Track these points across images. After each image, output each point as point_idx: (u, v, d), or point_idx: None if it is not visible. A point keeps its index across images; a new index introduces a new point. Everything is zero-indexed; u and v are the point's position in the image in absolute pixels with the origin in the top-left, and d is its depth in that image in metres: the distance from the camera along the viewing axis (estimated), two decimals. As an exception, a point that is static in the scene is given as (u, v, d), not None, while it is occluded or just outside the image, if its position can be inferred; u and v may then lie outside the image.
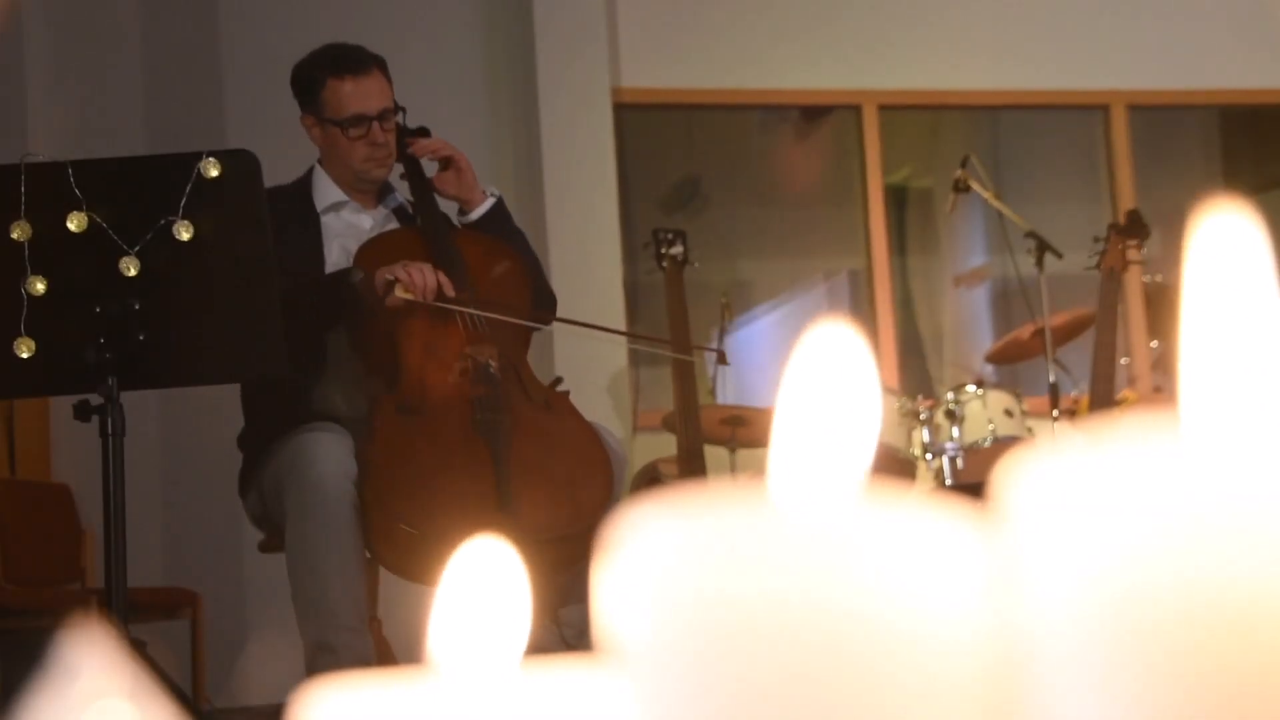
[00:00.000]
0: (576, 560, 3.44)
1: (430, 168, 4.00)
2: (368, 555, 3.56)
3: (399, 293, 3.61)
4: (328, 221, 3.89)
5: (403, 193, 4.02)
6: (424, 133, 4.00)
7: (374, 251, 3.79)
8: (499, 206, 4.01)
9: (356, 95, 3.84)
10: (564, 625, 3.58)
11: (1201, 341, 0.38)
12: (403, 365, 3.68)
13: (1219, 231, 0.38)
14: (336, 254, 3.84)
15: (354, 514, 3.46)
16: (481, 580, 0.45)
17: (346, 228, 3.90)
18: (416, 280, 3.61)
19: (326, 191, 3.92)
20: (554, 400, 3.75)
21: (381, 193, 3.99)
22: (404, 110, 3.93)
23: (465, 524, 3.42)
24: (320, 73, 3.88)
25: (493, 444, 3.56)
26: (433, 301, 3.63)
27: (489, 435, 3.57)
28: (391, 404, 3.62)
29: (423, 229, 3.87)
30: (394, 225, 3.96)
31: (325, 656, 3.43)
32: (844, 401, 0.40)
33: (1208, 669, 0.35)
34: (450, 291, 3.65)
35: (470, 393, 3.64)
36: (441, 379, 3.67)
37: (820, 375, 0.40)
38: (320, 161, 3.96)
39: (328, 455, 3.48)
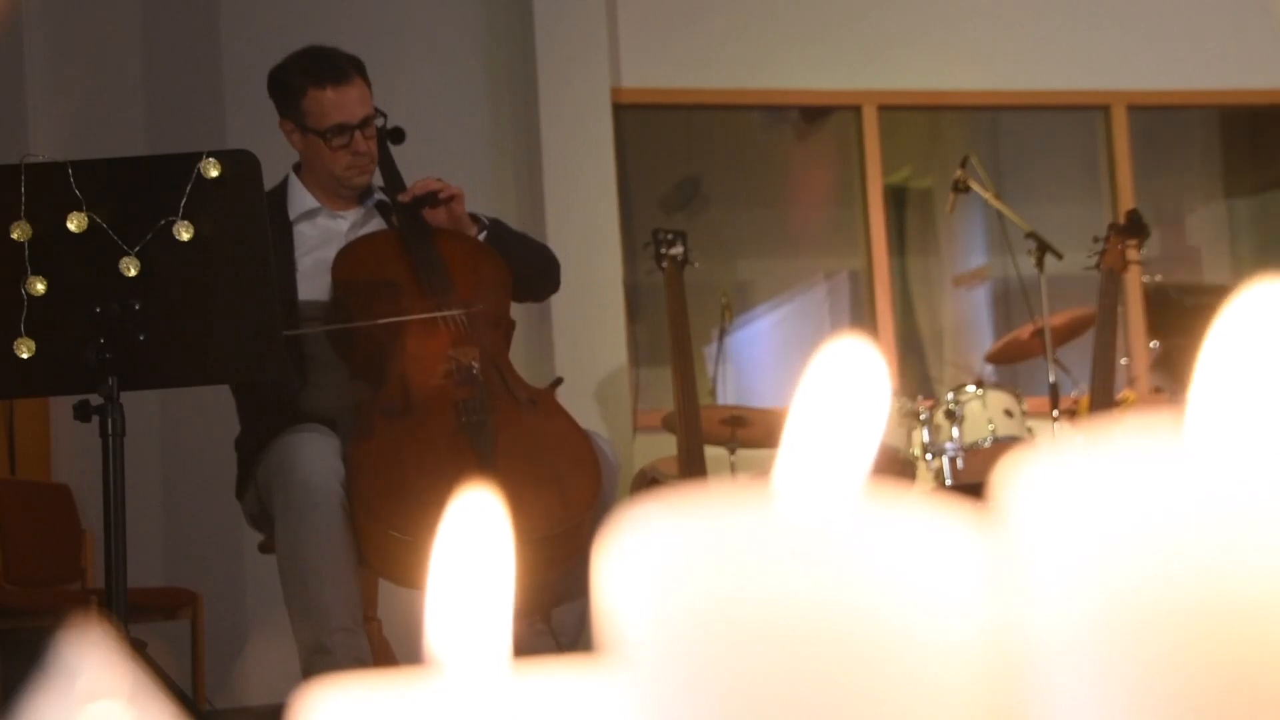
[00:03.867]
0: (567, 558, 3.43)
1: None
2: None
3: None
4: (301, 230, 3.87)
5: (380, 186, 4.00)
6: (399, 134, 3.95)
7: (352, 256, 3.77)
8: (492, 232, 3.96)
9: (339, 105, 3.80)
10: (556, 625, 3.57)
11: (1216, 346, 0.38)
12: (387, 369, 3.67)
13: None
14: (311, 265, 3.81)
15: (342, 514, 3.45)
16: (470, 561, 0.45)
17: (322, 234, 3.87)
18: None
19: (300, 199, 3.89)
20: (540, 398, 3.74)
21: (361, 193, 3.97)
22: (385, 115, 3.91)
23: None
24: (301, 81, 3.82)
25: (478, 445, 3.55)
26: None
27: (475, 437, 3.56)
28: (376, 408, 3.61)
29: (401, 229, 3.84)
30: (375, 221, 3.93)
31: (320, 658, 3.42)
32: (853, 409, 0.40)
33: (1208, 669, 0.35)
34: None
35: (455, 395, 3.63)
36: (425, 382, 3.66)
37: (834, 385, 0.40)
38: (295, 168, 3.94)
39: (313, 457, 3.47)
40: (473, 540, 0.45)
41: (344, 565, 3.45)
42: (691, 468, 4.86)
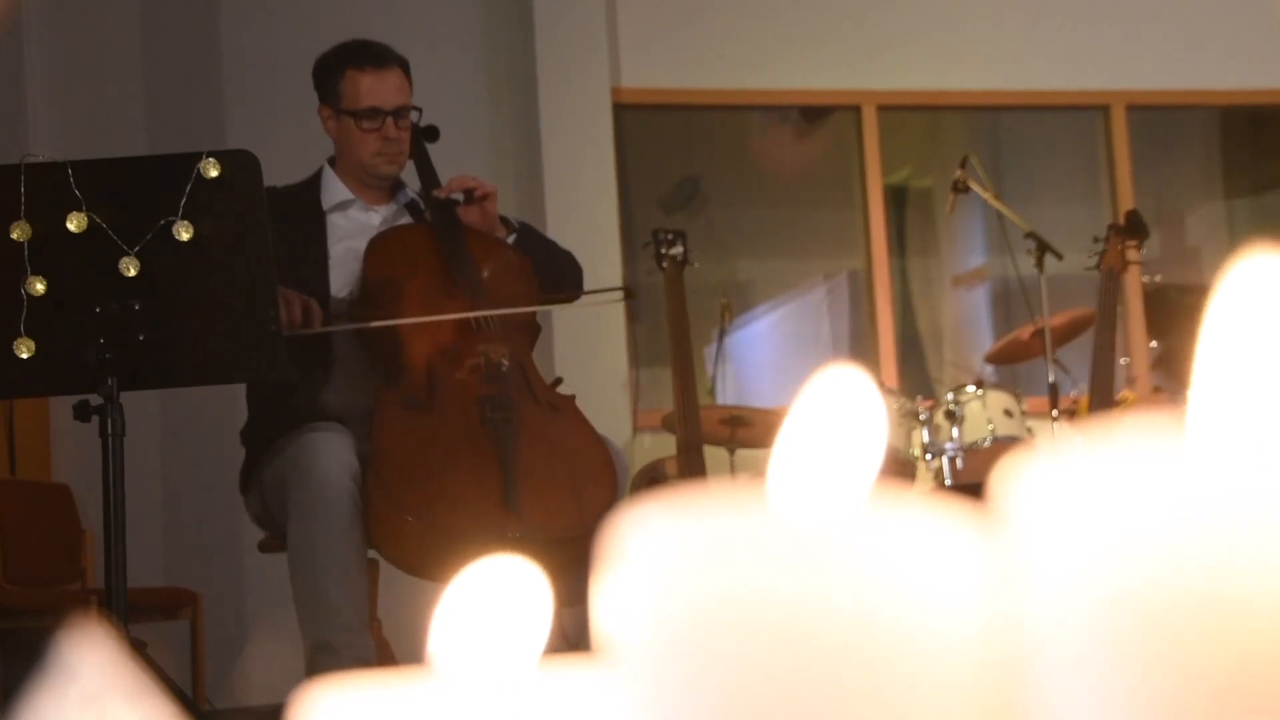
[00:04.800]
0: (579, 563, 3.44)
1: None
2: (370, 553, 3.56)
3: None
4: (334, 220, 3.89)
5: (414, 189, 4.02)
6: (433, 132, 3.99)
7: (383, 247, 3.80)
8: (521, 235, 4.01)
9: (374, 88, 3.85)
10: (567, 626, 3.58)
11: (1217, 346, 0.38)
12: (412, 360, 3.69)
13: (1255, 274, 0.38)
14: (341, 254, 3.84)
15: (356, 514, 3.46)
16: (490, 584, 0.45)
17: (355, 226, 3.90)
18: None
19: (334, 190, 3.92)
20: (559, 403, 3.77)
21: (393, 189, 4.00)
22: (420, 110, 3.94)
23: (470, 519, 3.43)
24: (339, 62, 3.89)
25: (500, 442, 3.57)
26: (295, 331, 3.60)
27: (497, 433, 3.58)
28: (396, 397, 3.63)
29: (435, 225, 3.87)
30: (405, 220, 3.96)
31: (325, 657, 3.43)
32: (849, 439, 0.40)
33: (1208, 669, 0.35)
34: (317, 323, 3.62)
35: (480, 390, 3.65)
36: (450, 375, 3.68)
37: (828, 415, 0.40)
38: (330, 161, 3.97)
39: (331, 455, 3.48)
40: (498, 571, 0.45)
41: (354, 565, 3.47)
42: (691, 468, 4.86)
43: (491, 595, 0.45)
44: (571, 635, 3.56)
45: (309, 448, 3.50)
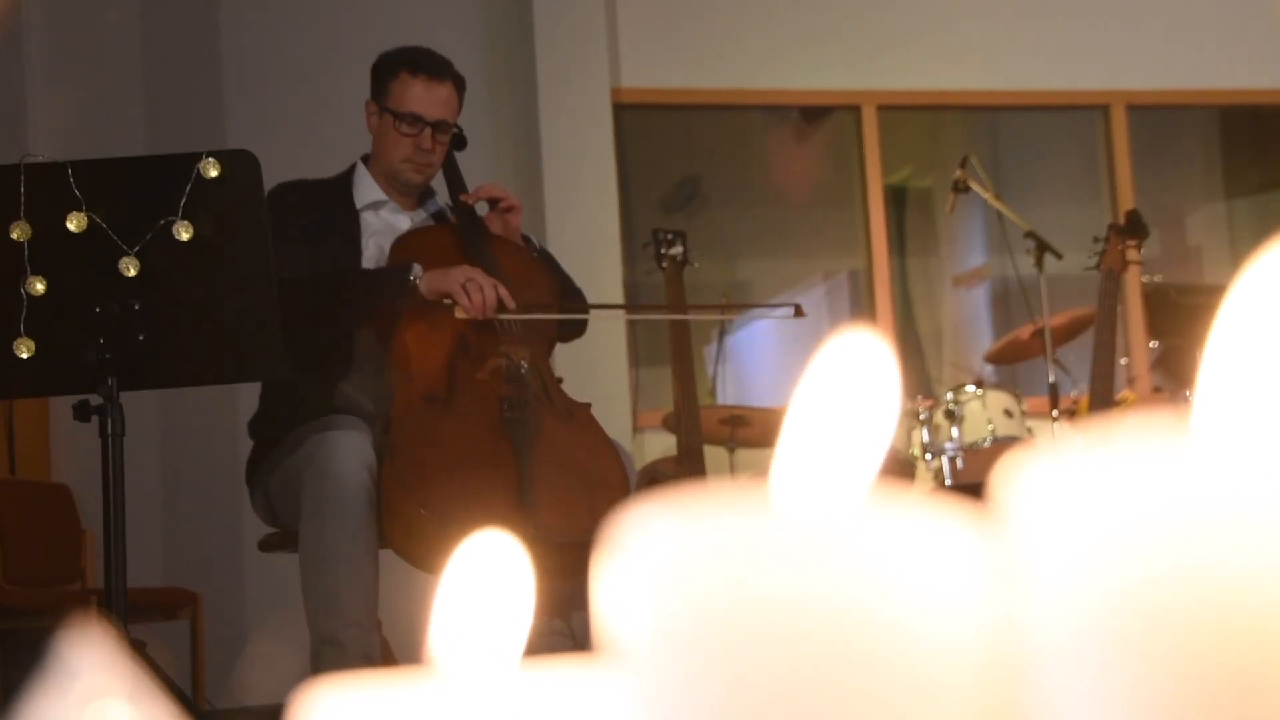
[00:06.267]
0: (588, 568, 3.44)
1: (479, 204, 4.02)
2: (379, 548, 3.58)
3: (457, 314, 3.64)
4: (366, 218, 3.91)
5: (444, 198, 4.04)
6: (461, 140, 4.01)
7: (407, 245, 3.81)
8: (541, 256, 4.04)
9: (422, 96, 3.87)
10: (576, 627, 3.59)
11: (1225, 346, 0.38)
12: (432, 356, 3.70)
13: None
14: (372, 251, 3.86)
15: (371, 512, 3.48)
16: (484, 575, 0.45)
17: (385, 226, 3.92)
18: (475, 301, 3.64)
19: (367, 189, 3.94)
20: (576, 410, 3.79)
21: (422, 196, 4.02)
22: (460, 128, 3.96)
23: (483, 516, 3.43)
24: (396, 63, 3.92)
25: (518, 443, 3.59)
26: (490, 316, 3.65)
27: (515, 434, 3.60)
28: (417, 393, 3.64)
29: (460, 228, 3.89)
30: None
31: (331, 652, 3.44)
32: (861, 408, 0.40)
33: (1208, 669, 0.35)
34: (510, 304, 3.67)
35: (500, 391, 3.67)
36: (470, 373, 3.70)
37: (841, 380, 0.40)
38: (364, 159, 3.98)
39: (348, 451, 3.49)
40: (491, 556, 0.45)
41: (366, 563, 3.48)
42: (691, 468, 4.87)
43: (484, 582, 0.45)
44: (579, 638, 3.57)
45: (326, 444, 3.51)
